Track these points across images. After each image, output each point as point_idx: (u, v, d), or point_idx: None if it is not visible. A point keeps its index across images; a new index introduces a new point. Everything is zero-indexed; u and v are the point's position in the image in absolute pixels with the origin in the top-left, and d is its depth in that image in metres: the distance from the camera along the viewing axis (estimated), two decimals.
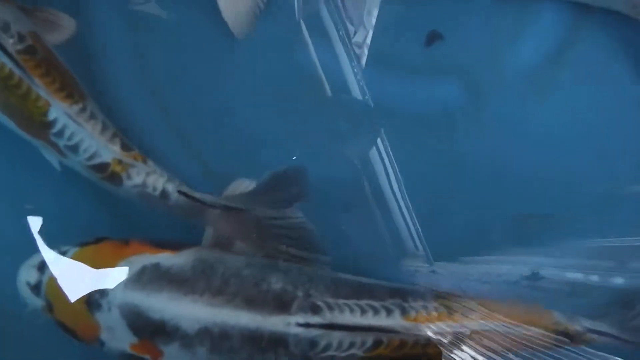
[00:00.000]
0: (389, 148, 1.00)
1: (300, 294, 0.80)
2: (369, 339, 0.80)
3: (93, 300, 0.78)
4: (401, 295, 0.85)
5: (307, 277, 0.83)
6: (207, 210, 0.90)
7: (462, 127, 1.03)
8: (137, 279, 0.78)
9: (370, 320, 0.81)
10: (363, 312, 0.81)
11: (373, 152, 0.99)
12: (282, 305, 0.79)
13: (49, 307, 0.81)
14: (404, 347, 0.81)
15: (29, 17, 0.92)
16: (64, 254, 0.82)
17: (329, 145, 1.01)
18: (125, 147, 0.90)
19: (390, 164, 0.99)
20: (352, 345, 0.80)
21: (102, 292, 0.78)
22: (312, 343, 0.79)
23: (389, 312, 0.82)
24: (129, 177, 0.89)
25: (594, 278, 0.93)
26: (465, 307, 0.86)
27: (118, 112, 0.96)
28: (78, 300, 0.79)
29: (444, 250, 0.95)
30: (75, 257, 0.81)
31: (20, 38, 0.88)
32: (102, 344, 0.80)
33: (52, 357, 0.92)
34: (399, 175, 0.99)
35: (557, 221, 1.00)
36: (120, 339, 0.79)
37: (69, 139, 0.88)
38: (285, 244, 0.88)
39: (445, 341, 0.83)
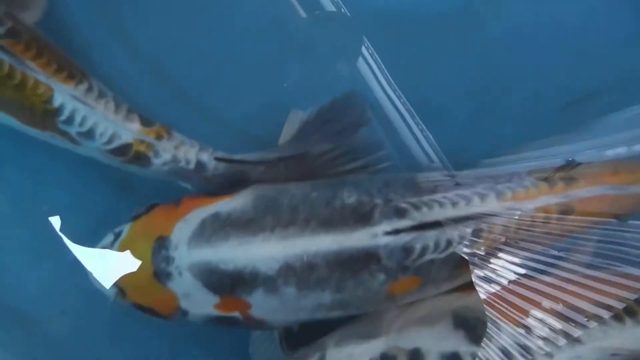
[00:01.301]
0: (375, 55, 0.89)
1: (379, 201, 0.71)
2: (467, 232, 0.71)
3: (160, 271, 0.71)
4: (493, 177, 0.75)
5: (382, 183, 0.74)
6: (251, 171, 0.79)
7: (449, 20, 0.91)
8: (199, 235, 0.71)
9: (463, 210, 0.71)
10: (454, 204, 0.71)
11: (362, 64, 0.89)
12: (362, 217, 0.70)
13: (122, 292, 0.75)
14: (506, 232, 0.71)
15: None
16: (118, 235, 0.75)
17: (316, 66, 0.90)
18: (145, 122, 0.79)
19: (381, 71, 0.88)
20: (449, 243, 0.70)
21: (167, 259, 0.71)
22: (406, 250, 0.70)
23: (482, 197, 0.72)
24: (156, 154, 0.79)
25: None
26: (567, 177, 0.76)
27: (111, 85, 0.84)
28: (145, 276, 0.72)
29: (461, 156, 0.84)
30: (131, 233, 0.75)
31: (1, 22, 0.76)
32: (184, 313, 0.73)
33: None
34: (393, 81, 0.88)
35: (572, 102, 0.88)
36: (201, 302, 0.72)
37: (81, 124, 0.77)
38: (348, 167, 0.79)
39: (551, 217, 0.72)
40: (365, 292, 0.71)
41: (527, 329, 0.66)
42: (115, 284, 0.75)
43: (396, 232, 0.69)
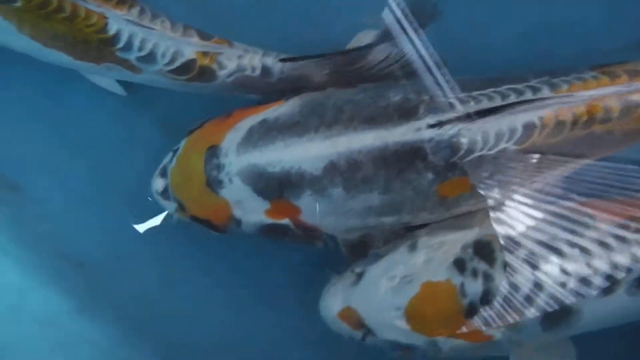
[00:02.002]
0: None
1: (425, 97, 0.70)
2: (518, 125, 0.68)
3: (212, 179, 0.73)
4: (549, 72, 0.71)
5: (431, 82, 0.72)
6: (315, 73, 0.78)
7: None
8: (247, 140, 0.72)
9: (513, 101, 0.68)
10: (504, 96, 0.69)
11: None
12: (407, 112, 0.69)
13: (181, 207, 0.77)
14: (562, 129, 0.68)
15: None
16: (175, 151, 0.78)
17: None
18: (204, 36, 0.78)
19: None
20: (499, 137, 0.68)
21: (218, 167, 0.73)
22: (453, 145, 0.68)
23: (535, 90, 0.69)
24: (220, 66, 0.78)
25: None
26: (633, 69, 0.71)
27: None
28: (199, 185, 0.74)
29: None
30: (187, 147, 0.77)
31: None
32: (238, 222, 0.74)
33: None
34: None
35: None
36: (252, 209, 0.73)
37: (141, 48, 0.76)
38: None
39: (612, 112, 0.68)
40: (414, 192, 0.69)
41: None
42: (175, 199, 0.77)
43: (440, 124, 0.67)
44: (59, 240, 0.86)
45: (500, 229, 0.67)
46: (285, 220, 0.73)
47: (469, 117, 0.68)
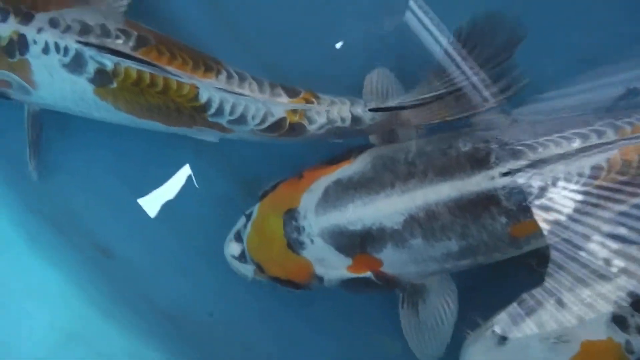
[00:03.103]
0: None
1: (494, 145, 0.74)
2: (586, 168, 0.72)
3: (293, 241, 0.76)
4: (613, 115, 0.75)
5: (497, 130, 0.76)
6: (400, 115, 0.80)
7: None
8: (325, 201, 0.75)
9: (579, 146, 0.72)
10: (570, 141, 0.73)
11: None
12: (478, 162, 0.72)
13: (260, 269, 0.80)
14: (628, 168, 0.72)
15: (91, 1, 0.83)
16: (249, 216, 0.81)
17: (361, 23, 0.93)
18: (291, 93, 0.80)
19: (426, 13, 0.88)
20: (568, 180, 0.72)
21: (298, 229, 0.76)
22: (525, 190, 0.72)
23: (600, 134, 0.73)
24: (310, 121, 0.80)
25: None
26: None
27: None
28: (279, 248, 0.77)
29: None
30: (261, 211, 0.80)
31: (125, 33, 0.78)
32: (320, 279, 0.78)
33: None
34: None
35: None
36: (335, 265, 0.76)
37: (232, 112, 0.79)
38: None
39: None
40: (489, 236, 0.73)
41: None
42: (254, 262, 0.80)
43: (513, 172, 0.71)
44: (152, 299, 0.91)
45: None
46: (367, 273, 0.76)
47: (539, 163, 0.72)
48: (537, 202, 0.72)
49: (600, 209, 0.71)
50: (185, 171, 0.93)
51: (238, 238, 0.82)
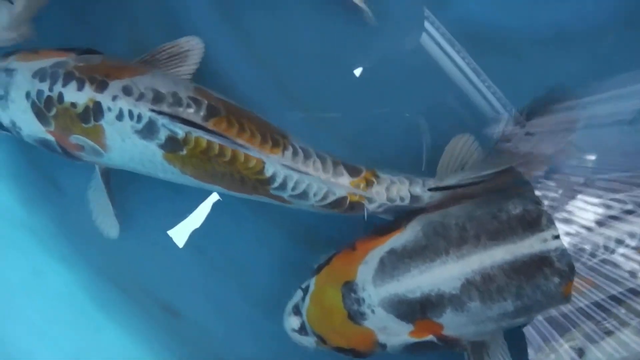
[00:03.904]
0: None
1: (545, 207, 0.76)
2: (638, 230, 0.75)
3: (354, 313, 0.79)
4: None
5: (545, 192, 0.79)
6: (459, 191, 0.82)
7: None
8: (382, 272, 0.78)
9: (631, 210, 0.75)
10: (622, 203, 0.76)
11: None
12: (530, 225, 0.75)
13: (322, 340, 0.83)
14: None
15: (160, 67, 0.87)
16: (306, 290, 0.84)
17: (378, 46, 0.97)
18: (353, 172, 0.82)
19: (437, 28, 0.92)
20: (619, 242, 0.75)
21: (358, 301, 0.79)
22: (577, 251, 0.75)
23: None
24: (370, 200, 0.83)
25: None
26: None
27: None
28: (340, 320, 0.80)
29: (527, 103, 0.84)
30: (318, 284, 0.83)
31: (196, 102, 0.81)
32: (383, 346, 0.80)
33: None
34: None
35: None
36: (397, 332, 0.79)
37: (294, 188, 0.81)
38: None
39: None
40: (543, 295, 0.76)
41: None
42: (315, 334, 0.83)
43: (566, 235, 0.74)
44: (222, 357, 0.93)
45: None
46: (429, 337, 0.79)
47: (590, 228, 0.75)
48: (588, 262, 0.75)
49: None
50: (248, 230, 0.96)
51: (297, 311, 0.84)
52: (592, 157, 0.78)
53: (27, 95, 0.83)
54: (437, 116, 0.95)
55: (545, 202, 0.76)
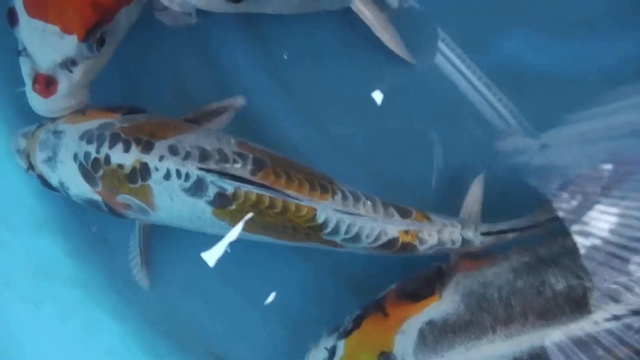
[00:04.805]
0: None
1: (588, 283, 0.71)
2: None
3: None
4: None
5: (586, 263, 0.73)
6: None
7: None
8: (423, 345, 0.75)
9: None
10: None
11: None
12: (577, 304, 0.71)
13: None
14: None
15: (202, 123, 0.88)
16: (333, 351, 0.81)
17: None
18: (403, 213, 0.82)
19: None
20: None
21: None
22: (628, 332, 0.69)
23: None
24: (421, 242, 0.82)
25: None
26: None
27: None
28: None
29: (543, 116, 0.81)
30: (349, 351, 0.80)
31: (241, 157, 0.81)
32: None
33: None
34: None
35: None
36: None
37: (347, 232, 0.81)
38: None
39: None
40: None
41: None
42: None
43: (616, 318, 0.69)
44: None
45: None
46: None
47: (607, 236, 0.70)
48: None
49: None
50: (292, 274, 0.96)
51: None
52: (609, 167, 0.73)
53: (75, 156, 0.84)
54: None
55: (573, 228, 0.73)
